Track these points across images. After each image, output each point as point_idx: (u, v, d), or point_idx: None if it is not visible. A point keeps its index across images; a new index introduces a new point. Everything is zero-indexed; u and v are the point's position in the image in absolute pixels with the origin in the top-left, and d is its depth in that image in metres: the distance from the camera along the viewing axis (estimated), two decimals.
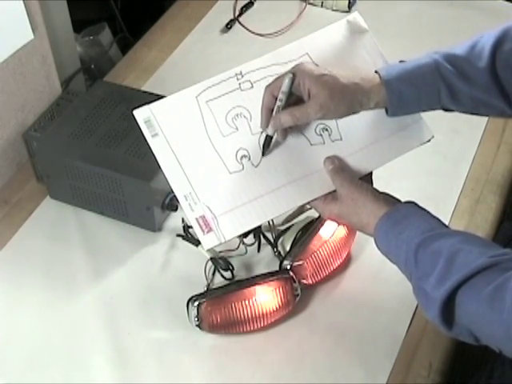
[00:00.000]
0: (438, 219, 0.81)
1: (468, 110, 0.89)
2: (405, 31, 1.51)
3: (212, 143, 0.88)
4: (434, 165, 1.23)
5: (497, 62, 0.85)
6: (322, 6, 1.58)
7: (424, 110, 0.90)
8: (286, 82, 0.84)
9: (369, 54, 0.94)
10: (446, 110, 0.89)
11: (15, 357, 0.97)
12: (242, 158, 0.88)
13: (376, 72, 0.86)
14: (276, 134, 0.88)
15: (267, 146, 0.88)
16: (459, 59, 0.86)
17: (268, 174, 0.88)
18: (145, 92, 1.22)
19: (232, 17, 1.55)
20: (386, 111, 0.88)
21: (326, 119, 0.87)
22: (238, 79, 0.91)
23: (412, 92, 0.85)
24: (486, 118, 1.31)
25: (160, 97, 0.89)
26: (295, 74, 0.84)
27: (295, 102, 0.86)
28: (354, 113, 0.86)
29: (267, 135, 0.87)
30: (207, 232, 0.85)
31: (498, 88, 0.85)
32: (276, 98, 0.85)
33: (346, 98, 0.83)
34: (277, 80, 0.86)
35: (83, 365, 0.96)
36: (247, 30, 1.53)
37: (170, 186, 0.86)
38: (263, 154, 0.88)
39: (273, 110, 0.86)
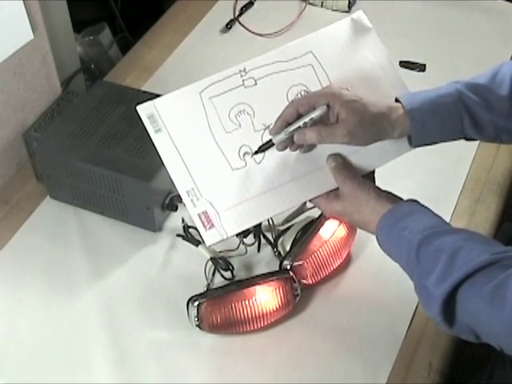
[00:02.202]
0: (439, 217, 0.81)
1: (491, 138, 0.89)
2: (405, 31, 1.51)
3: (215, 139, 0.88)
4: (434, 165, 1.23)
5: None
6: (322, 6, 1.58)
7: (447, 140, 0.89)
8: (319, 112, 0.83)
9: (372, 53, 0.94)
10: (469, 139, 0.89)
11: (15, 357, 0.97)
12: (244, 154, 0.88)
13: (397, 100, 0.86)
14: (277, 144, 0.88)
15: (264, 149, 0.88)
16: (481, 88, 0.86)
17: (270, 171, 0.88)
18: (145, 92, 1.22)
19: (232, 17, 1.55)
20: (410, 141, 0.88)
21: (351, 145, 0.85)
22: (241, 76, 0.90)
23: (435, 122, 0.85)
24: None
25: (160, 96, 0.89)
26: (328, 102, 0.83)
27: (321, 124, 0.85)
28: (376, 141, 0.86)
29: (270, 141, 0.87)
30: (209, 228, 0.85)
31: None
32: (298, 115, 0.84)
33: (374, 127, 0.83)
34: (307, 99, 0.85)
35: (83, 365, 0.96)
36: (247, 30, 1.53)
37: (173, 182, 0.86)
38: (255, 153, 0.88)
39: (289, 124, 0.85)
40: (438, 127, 0.86)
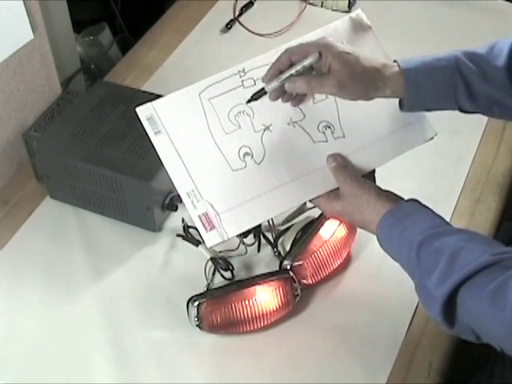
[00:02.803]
0: (440, 217, 0.81)
1: (483, 109, 0.89)
2: (405, 31, 1.51)
3: (215, 140, 0.88)
4: (434, 165, 1.23)
5: None
6: (322, 6, 1.58)
7: (440, 108, 0.89)
8: (311, 60, 0.84)
9: (371, 51, 0.94)
10: (462, 110, 0.89)
11: (15, 357, 0.97)
12: (244, 155, 0.88)
13: (395, 61, 0.87)
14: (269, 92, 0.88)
15: (256, 98, 0.88)
16: (479, 57, 0.87)
17: (271, 172, 0.88)
18: (145, 92, 1.22)
19: (232, 17, 1.55)
20: (401, 107, 0.88)
21: (340, 97, 0.86)
22: (240, 76, 0.90)
23: (429, 84, 0.85)
24: (486, 118, 1.31)
25: (160, 96, 0.89)
26: (321, 53, 0.83)
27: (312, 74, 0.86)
28: (368, 97, 0.86)
29: (263, 89, 0.88)
30: (210, 229, 0.85)
31: None
32: (291, 63, 0.85)
33: (364, 80, 0.83)
34: (300, 47, 0.85)
35: (83, 365, 0.96)
36: (247, 30, 1.53)
37: (173, 184, 0.86)
38: (247, 102, 0.89)
39: (281, 72, 0.86)
40: (432, 90, 0.85)
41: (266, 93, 0.88)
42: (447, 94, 0.86)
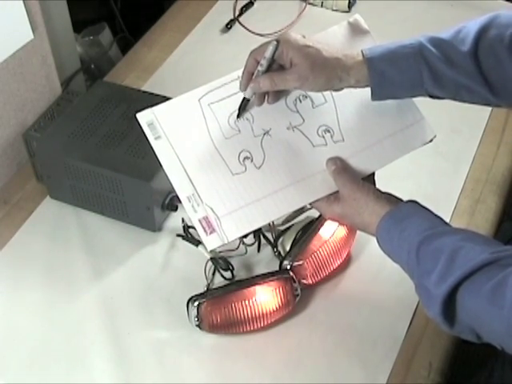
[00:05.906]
0: (439, 217, 0.81)
1: (452, 95, 0.88)
2: (405, 31, 1.49)
3: (215, 145, 0.88)
4: (434, 165, 1.23)
5: (480, 47, 0.84)
6: (322, 6, 1.58)
7: (409, 95, 0.89)
8: (270, 48, 0.85)
9: None
10: (432, 96, 0.88)
11: (15, 357, 0.97)
12: (244, 159, 0.89)
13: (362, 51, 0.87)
14: (253, 97, 0.90)
15: (243, 108, 0.90)
16: (443, 42, 0.86)
17: (271, 176, 0.88)
18: (145, 92, 1.22)
19: (232, 17, 1.55)
20: (372, 95, 0.88)
21: (304, 90, 0.88)
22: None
23: (394, 72, 0.85)
24: (486, 118, 1.31)
25: (160, 96, 0.90)
26: (279, 41, 0.85)
27: (277, 70, 0.87)
28: (333, 88, 0.86)
29: (244, 98, 0.89)
30: (210, 233, 0.85)
31: (481, 75, 0.84)
32: (258, 63, 0.87)
33: (325, 71, 0.84)
34: (262, 46, 0.87)
35: (83, 365, 0.96)
36: (247, 30, 1.53)
37: (173, 188, 0.86)
38: (238, 117, 0.90)
39: (253, 74, 0.87)
40: (397, 77, 0.85)
41: (248, 100, 0.89)
42: (413, 81, 0.86)
